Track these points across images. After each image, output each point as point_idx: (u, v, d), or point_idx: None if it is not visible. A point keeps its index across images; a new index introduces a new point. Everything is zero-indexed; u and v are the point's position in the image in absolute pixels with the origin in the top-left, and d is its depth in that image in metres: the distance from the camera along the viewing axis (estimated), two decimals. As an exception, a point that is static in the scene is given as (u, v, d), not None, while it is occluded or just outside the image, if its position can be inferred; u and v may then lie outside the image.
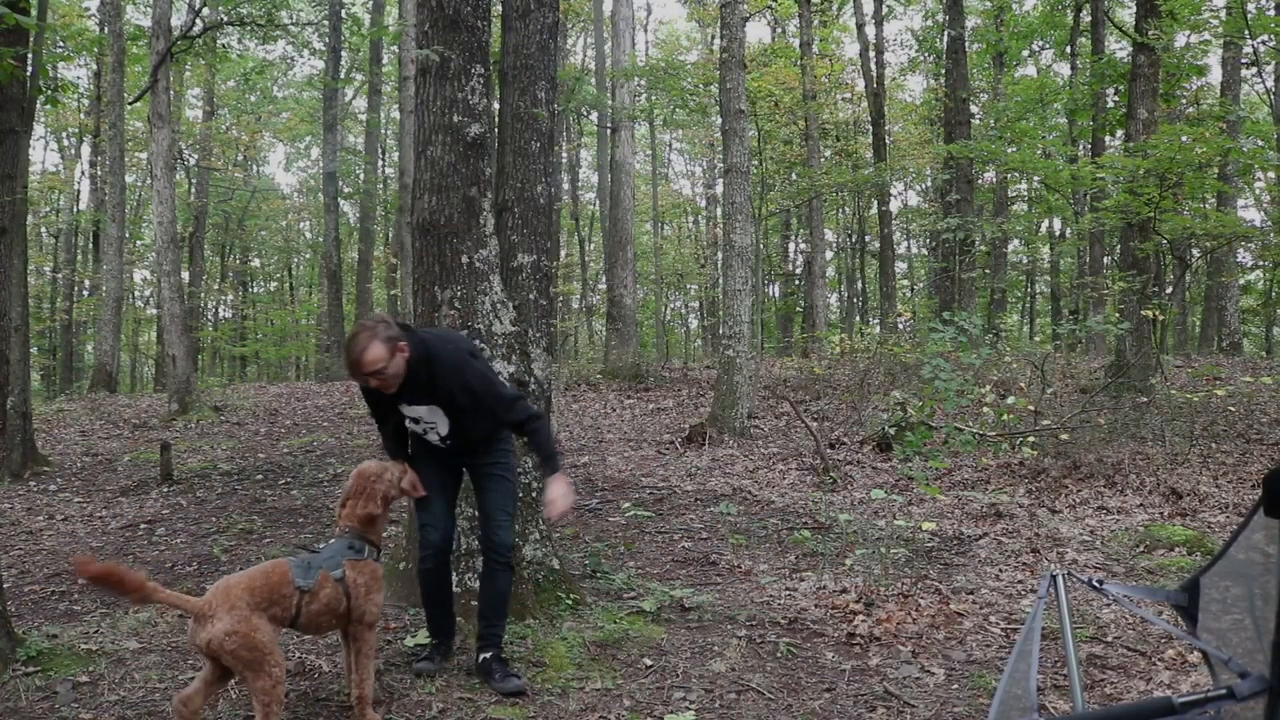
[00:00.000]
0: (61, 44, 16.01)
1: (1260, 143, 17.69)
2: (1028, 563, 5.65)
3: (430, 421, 3.71)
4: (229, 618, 3.02)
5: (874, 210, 23.64)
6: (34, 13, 8.43)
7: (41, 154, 43.13)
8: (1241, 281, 20.79)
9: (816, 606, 4.82)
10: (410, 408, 3.68)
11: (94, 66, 22.17)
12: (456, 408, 3.63)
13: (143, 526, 6.95)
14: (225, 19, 15.20)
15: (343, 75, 21.21)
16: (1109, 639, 4.32)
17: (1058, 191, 18.56)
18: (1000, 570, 5.51)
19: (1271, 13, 16.85)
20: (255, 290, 34.89)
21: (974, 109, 20.01)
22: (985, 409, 9.21)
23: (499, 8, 5.46)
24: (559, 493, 3.58)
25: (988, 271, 19.31)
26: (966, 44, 18.77)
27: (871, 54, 20.51)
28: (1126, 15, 18.90)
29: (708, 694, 3.75)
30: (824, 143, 21.56)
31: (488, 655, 3.74)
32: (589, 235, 27.60)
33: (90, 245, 25.36)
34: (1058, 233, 26.12)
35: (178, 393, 12.99)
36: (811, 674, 3.99)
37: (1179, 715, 1.32)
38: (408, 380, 3.55)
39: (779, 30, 24.19)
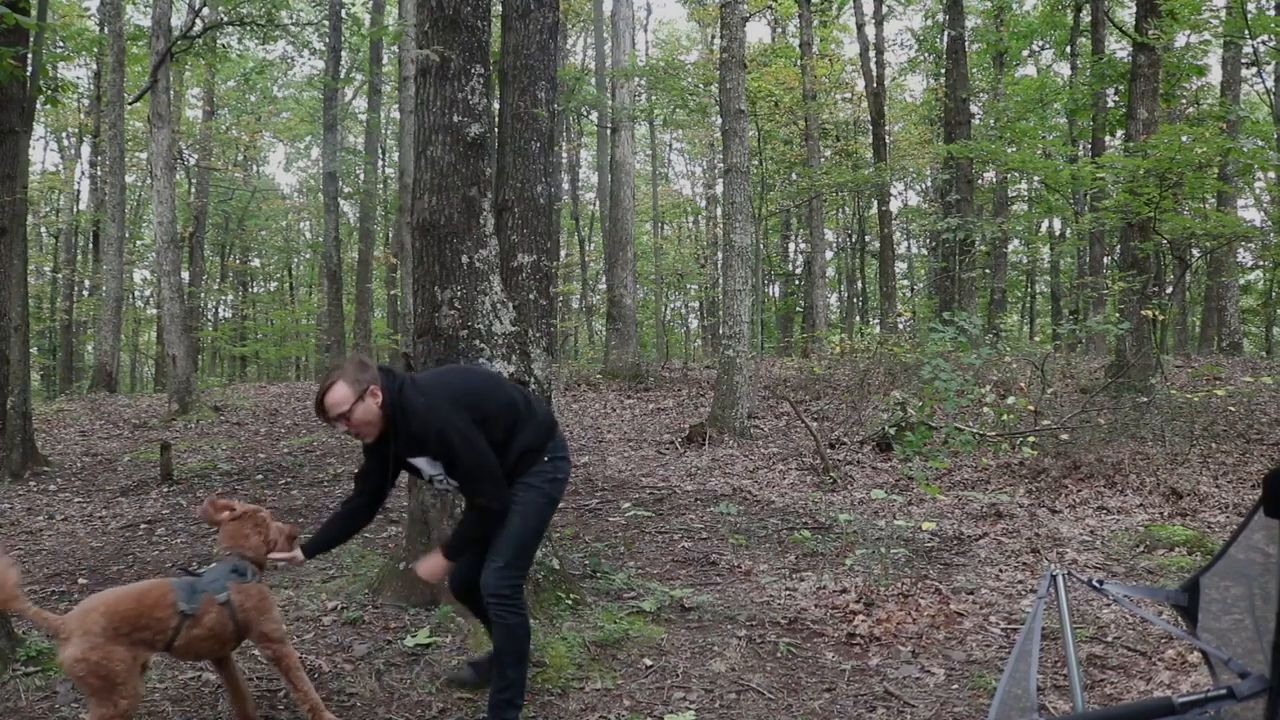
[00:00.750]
0: (61, 44, 16.01)
1: (1260, 143, 17.67)
2: (1028, 563, 5.64)
3: (435, 474, 3.32)
4: (81, 643, 2.86)
5: (874, 210, 23.65)
6: (34, 13, 8.43)
7: (41, 154, 43.22)
8: (1241, 281, 20.80)
9: (816, 606, 4.82)
10: (413, 460, 3.31)
11: (94, 66, 22.17)
12: (443, 459, 3.25)
13: (143, 526, 6.95)
14: (225, 19, 15.20)
15: (343, 75, 21.20)
16: (1109, 639, 4.31)
17: (1058, 191, 18.56)
18: (1000, 570, 5.51)
19: (1271, 13, 16.84)
20: (255, 290, 34.89)
21: (974, 109, 20.01)
22: (985, 409, 9.20)
23: (499, 8, 5.46)
24: (432, 563, 3.37)
25: (988, 271, 19.31)
26: (966, 44, 18.76)
27: (871, 54, 20.52)
28: (1126, 15, 18.90)
29: (708, 694, 3.75)
30: (824, 143, 21.55)
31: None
32: (589, 235, 27.59)
33: (90, 245, 25.36)
34: (1058, 233, 26.12)
35: (178, 393, 12.99)
36: (811, 674, 3.99)
37: (1179, 715, 1.32)
38: (393, 429, 3.22)
39: (779, 30, 24.19)
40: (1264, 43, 16.02)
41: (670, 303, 31.33)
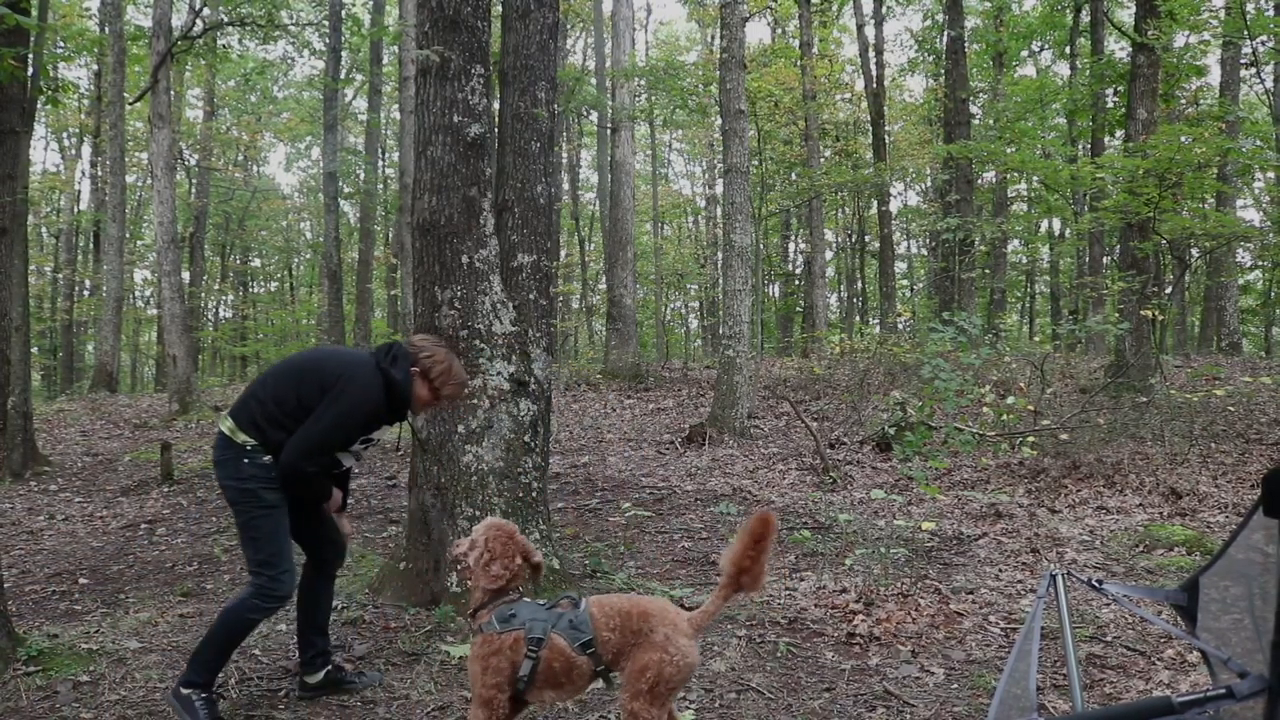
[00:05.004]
0: (62, 44, 16.01)
1: (1259, 143, 17.69)
2: (1027, 563, 5.65)
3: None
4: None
5: (874, 210, 23.64)
6: (35, 13, 8.44)
7: (42, 154, 43.25)
8: (1241, 281, 20.80)
9: (816, 606, 4.82)
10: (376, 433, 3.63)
11: (94, 66, 22.18)
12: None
13: (143, 526, 6.96)
14: (225, 19, 15.20)
15: (343, 75, 21.18)
16: (1109, 639, 4.32)
17: (1057, 191, 18.56)
18: (1000, 570, 5.51)
19: (1271, 13, 16.85)
20: (255, 290, 34.89)
21: (974, 109, 20.01)
22: (985, 409, 9.21)
23: (499, 8, 5.46)
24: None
25: (988, 271, 19.30)
26: (966, 44, 18.76)
27: (871, 54, 20.52)
28: (1126, 15, 18.91)
29: (708, 694, 3.75)
30: (824, 143, 21.56)
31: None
32: (589, 235, 27.59)
33: (90, 245, 25.37)
34: (1057, 233, 26.12)
35: (178, 393, 13.00)
36: (811, 674, 3.99)
37: (1178, 715, 1.33)
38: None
39: (779, 30, 24.19)
40: (1263, 43, 16.02)
41: (670, 303, 31.33)
